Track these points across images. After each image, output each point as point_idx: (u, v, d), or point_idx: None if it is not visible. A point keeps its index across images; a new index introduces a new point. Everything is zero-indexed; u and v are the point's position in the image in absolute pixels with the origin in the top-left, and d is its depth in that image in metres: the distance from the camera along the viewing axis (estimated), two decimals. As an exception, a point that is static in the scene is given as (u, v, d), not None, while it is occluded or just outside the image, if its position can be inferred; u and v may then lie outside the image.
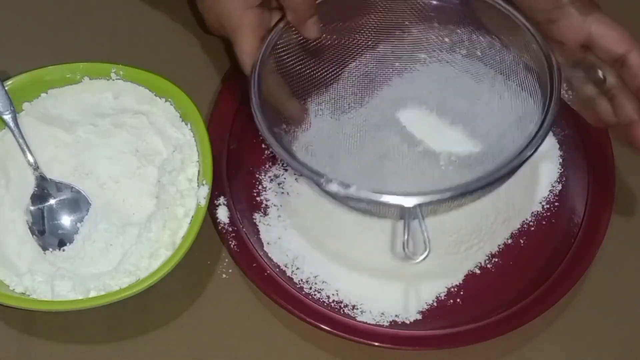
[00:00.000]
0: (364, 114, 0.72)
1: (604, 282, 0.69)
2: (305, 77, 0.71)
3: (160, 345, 0.66)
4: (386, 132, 0.71)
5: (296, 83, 0.71)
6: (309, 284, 0.68)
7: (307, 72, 0.71)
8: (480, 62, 0.72)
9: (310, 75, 0.71)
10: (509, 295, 0.67)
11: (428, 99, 0.73)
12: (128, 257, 0.65)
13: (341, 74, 0.73)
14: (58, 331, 0.66)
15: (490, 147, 0.69)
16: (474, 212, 0.69)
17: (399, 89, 0.74)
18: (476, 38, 0.72)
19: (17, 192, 0.68)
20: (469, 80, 0.73)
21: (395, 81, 0.74)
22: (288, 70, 0.70)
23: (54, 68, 0.72)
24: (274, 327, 0.67)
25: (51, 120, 0.71)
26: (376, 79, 0.74)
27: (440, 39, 0.73)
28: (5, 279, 0.65)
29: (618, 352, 0.67)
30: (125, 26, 0.80)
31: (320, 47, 0.71)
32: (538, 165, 0.72)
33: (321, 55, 0.72)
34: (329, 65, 0.72)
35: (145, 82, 0.72)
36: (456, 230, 0.68)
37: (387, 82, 0.74)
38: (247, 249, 0.68)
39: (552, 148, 0.73)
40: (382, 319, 0.66)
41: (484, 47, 0.72)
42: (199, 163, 0.70)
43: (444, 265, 0.69)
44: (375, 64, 0.74)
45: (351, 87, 0.73)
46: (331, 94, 0.73)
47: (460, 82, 0.73)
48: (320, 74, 0.72)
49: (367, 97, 0.73)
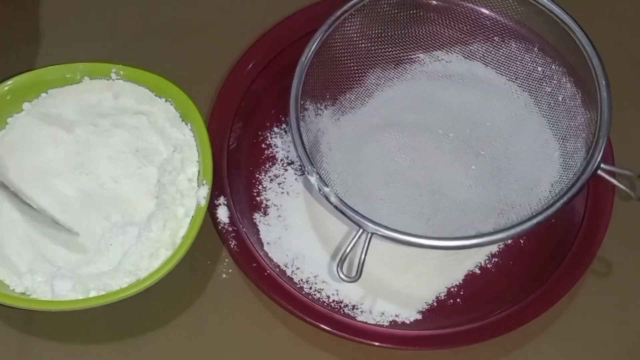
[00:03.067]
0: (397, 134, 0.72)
1: (604, 282, 0.69)
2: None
3: (160, 345, 0.66)
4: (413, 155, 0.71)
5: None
6: (309, 284, 0.68)
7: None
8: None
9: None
10: (509, 295, 0.68)
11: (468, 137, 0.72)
12: (128, 257, 0.65)
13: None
14: (58, 331, 0.66)
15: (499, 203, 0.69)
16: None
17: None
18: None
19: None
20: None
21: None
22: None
23: (54, 68, 0.72)
24: (274, 327, 0.67)
25: (51, 120, 0.71)
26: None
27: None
28: (5, 279, 0.65)
29: (618, 352, 0.67)
30: (125, 26, 0.80)
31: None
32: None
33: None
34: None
35: (145, 82, 0.72)
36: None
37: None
38: (247, 249, 0.68)
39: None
40: (382, 319, 0.66)
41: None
42: (199, 163, 0.70)
43: (444, 265, 0.69)
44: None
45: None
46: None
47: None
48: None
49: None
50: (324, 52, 0.70)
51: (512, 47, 0.73)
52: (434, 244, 0.63)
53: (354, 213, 0.63)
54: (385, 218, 0.64)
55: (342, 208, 0.63)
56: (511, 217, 0.66)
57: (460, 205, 0.68)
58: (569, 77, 0.71)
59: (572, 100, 0.70)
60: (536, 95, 0.72)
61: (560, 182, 0.67)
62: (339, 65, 0.72)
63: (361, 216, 0.63)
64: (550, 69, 0.72)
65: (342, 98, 0.73)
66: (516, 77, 0.73)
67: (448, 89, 0.74)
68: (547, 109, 0.72)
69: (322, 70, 0.70)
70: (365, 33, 0.73)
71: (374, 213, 0.64)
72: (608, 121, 0.66)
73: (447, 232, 0.66)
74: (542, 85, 0.72)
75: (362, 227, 0.63)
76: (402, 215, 0.67)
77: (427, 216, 0.68)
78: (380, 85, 0.74)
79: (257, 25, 0.78)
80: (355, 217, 0.63)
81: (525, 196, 0.68)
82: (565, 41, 0.69)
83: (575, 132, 0.69)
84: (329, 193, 0.64)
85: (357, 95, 0.74)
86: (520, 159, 0.70)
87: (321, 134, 0.71)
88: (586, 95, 0.69)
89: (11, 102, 0.71)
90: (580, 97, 0.69)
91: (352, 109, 0.73)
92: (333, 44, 0.71)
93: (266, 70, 0.75)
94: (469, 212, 0.68)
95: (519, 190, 0.68)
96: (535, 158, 0.70)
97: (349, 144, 0.71)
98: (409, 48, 0.74)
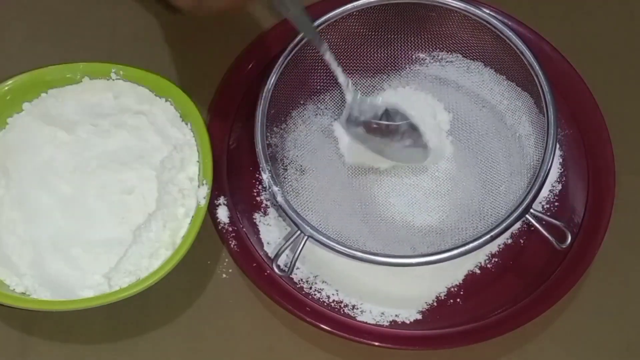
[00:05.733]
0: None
1: (604, 282, 0.69)
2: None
3: (160, 345, 0.66)
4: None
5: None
6: (309, 284, 0.68)
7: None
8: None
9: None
10: (509, 295, 0.68)
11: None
12: (128, 257, 0.65)
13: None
14: (58, 331, 0.67)
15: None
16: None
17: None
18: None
19: (17, 192, 0.68)
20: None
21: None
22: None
23: (54, 68, 0.72)
24: (274, 327, 0.67)
25: (51, 120, 0.71)
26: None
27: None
28: (6, 279, 0.65)
29: (618, 352, 0.67)
30: (125, 26, 0.80)
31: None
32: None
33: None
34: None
35: (145, 82, 0.72)
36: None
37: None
38: (247, 249, 0.68)
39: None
40: (382, 319, 0.66)
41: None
42: (199, 163, 0.70)
43: (444, 265, 0.68)
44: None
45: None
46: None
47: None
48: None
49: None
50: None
51: (485, 77, 0.74)
52: (365, 257, 0.64)
53: (295, 215, 0.65)
54: (337, 222, 0.67)
55: (285, 208, 0.65)
56: (447, 239, 0.67)
57: (400, 223, 0.69)
58: (529, 115, 0.71)
59: (527, 139, 0.70)
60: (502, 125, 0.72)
61: (492, 216, 0.67)
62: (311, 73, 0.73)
63: (302, 219, 0.65)
64: (514, 104, 0.72)
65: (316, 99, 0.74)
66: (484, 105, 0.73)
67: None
68: (507, 141, 0.72)
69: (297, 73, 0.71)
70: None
71: (326, 216, 0.67)
72: (545, 173, 0.65)
73: (388, 246, 0.67)
74: (505, 115, 0.72)
75: (300, 229, 0.64)
76: (350, 222, 0.69)
77: (370, 226, 0.69)
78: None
79: (257, 25, 0.78)
80: (296, 219, 0.65)
81: (465, 222, 0.68)
82: (530, 81, 0.69)
83: (521, 170, 0.69)
84: (277, 192, 0.65)
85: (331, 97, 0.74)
86: (465, 181, 0.71)
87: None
88: (539, 138, 0.68)
89: (11, 102, 0.71)
90: (534, 139, 0.69)
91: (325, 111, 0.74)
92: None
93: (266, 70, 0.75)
94: (408, 229, 0.69)
95: (462, 214, 0.69)
96: (484, 184, 0.70)
97: (314, 143, 0.72)
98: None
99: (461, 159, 0.71)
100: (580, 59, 0.75)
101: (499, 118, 0.72)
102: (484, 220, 0.67)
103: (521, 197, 0.65)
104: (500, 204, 0.67)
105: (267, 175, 0.66)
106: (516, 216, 0.64)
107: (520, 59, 0.69)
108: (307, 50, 0.70)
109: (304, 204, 0.69)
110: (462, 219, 0.69)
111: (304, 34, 0.67)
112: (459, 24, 0.72)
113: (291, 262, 0.64)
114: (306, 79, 0.73)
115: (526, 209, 0.64)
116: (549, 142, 0.66)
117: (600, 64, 0.78)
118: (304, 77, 0.72)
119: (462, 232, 0.67)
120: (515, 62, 0.70)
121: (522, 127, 0.71)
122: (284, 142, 0.72)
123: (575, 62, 0.75)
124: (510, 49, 0.69)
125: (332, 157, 0.71)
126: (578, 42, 0.78)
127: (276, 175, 0.67)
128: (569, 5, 0.81)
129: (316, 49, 0.67)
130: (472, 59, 0.74)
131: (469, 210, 0.69)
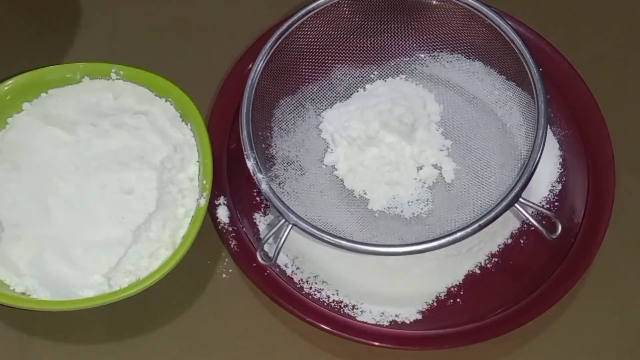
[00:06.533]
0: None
1: (604, 282, 0.69)
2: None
3: (160, 345, 0.66)
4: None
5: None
6: (309, 284, 0.68)
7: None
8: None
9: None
10: (509, 295, 0.67)
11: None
12: (128, 257, 0.65)
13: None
14: (58, 331, 0.67)
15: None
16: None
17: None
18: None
19: (17, 191, 0.68)
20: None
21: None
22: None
23: (54, 68, 0.72)
24: (274, 327, 0.67)
25: (51, 120, 0.71)
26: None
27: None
28: (6, 279, 0.65)
29: (618, 352, 0.67)
30: (125, 26, 0.80)
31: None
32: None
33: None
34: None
35: (145, 82, 0.72)
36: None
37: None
38: (247, 249, 0.68)
39: (552, 148, 0.73)
40: (382, 319, 0.66)
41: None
42: (199, 163, 0.70)
43: (444, 265, 0.69)
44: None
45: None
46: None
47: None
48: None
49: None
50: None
51: (476, 67, 0.74)
52: (351, 246, 0.63)
53: (279, 202, 0.64)
54: (324, 213, 0.67)
55: (269, 195, 0.65)
56: (435, 231, 0.67)
57: (389, 214, 0.69)
58: (519, 106, 0.71)
59: (517, 130, 0.70)
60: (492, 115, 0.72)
61: (482, 207, 0.67)
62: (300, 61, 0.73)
63: (286, 207, 0.64)
64: (505, 95, 0.72)
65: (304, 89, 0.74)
66: (473, 97, 0.73)
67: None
68: (497, 132, 0.72)
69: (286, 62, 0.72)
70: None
71: (311, 206, 0.67)
72: (535, 162, 0.65)
73: (376, 237, 0.67)
74: (496, 106, 0.72)
75: (284, 217, 0.64)
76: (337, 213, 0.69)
77: (357, 217, 0.69)
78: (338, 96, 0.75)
79: (257, 25, 0.78)
80: (280, 207, 0.64)
81: (454, 213, 0.68)
82: (521, 71, 0.69)
83: (512, 161, 0.69)
84: (261, 180, 0.66)
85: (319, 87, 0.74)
86: (462, 174, 0.71)
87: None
88: (530, 129, 0.68)
89: (11, 102, 0.71)
90: (525, 130, 0.69)
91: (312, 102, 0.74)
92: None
93: (266, 70, 0.75)
94: (396, 220, 0.69)
95: (451, 206, 0.69)
96: (475, 176, 0.70)
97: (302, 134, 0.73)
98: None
99: (452, 151, 0.71)
100: (580, 59, 0.75)
101: (489, 109, 0.72)
102: (474, 212, 0.67)
103: (510, 186, 0.65)
104: (491, 195, 0.67)
105: (251, 162, 0.66)
106: (505, 205, 0.64)
107: (511, 48, 0.69)
108: (295, 37, 0.70)
109: (290, 194, 0.69)
110: (451, 210, 0.69)
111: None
112: (449, 14, 0.72)
113: (275, 251, 0.64)
114: (294, 68, 0.73)
115: (515, 198, 0.64)
116: (539, 132, 0.66)
117: (600, 64, 0.78)
118: (291, 65, 0.72)
119: (452, 223, 0.67)
120: (506, 51, 0.69)
121: (513, 118, 0.71)
122: (271, 133, 0.72)
123: (575, 62, 0.75)
124: (501, 38, 0.69)
125: (319, 148, 0.72)
126: (578, 42, 0.78)
127: (262, 164, 0.67)
128: (569, 5, 0.81)
129: (305, 37, 0.68)
130: (462, 50, 0.74)
131: (458, 201, 0.69)
